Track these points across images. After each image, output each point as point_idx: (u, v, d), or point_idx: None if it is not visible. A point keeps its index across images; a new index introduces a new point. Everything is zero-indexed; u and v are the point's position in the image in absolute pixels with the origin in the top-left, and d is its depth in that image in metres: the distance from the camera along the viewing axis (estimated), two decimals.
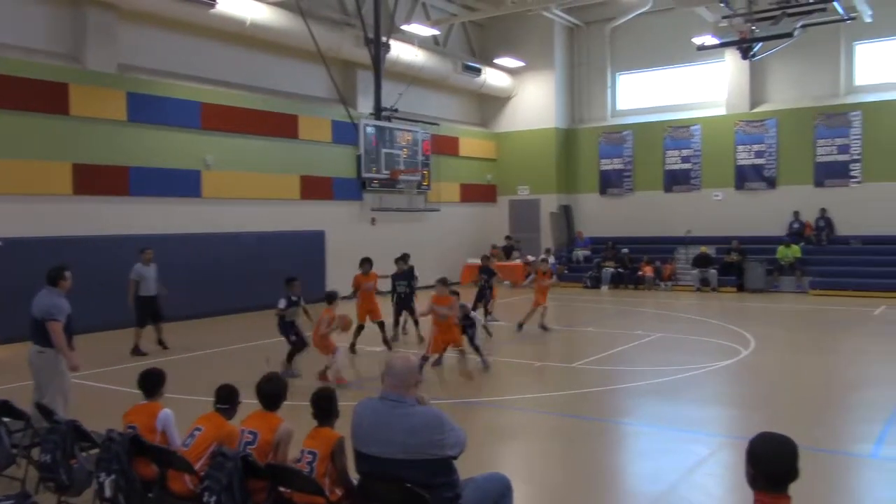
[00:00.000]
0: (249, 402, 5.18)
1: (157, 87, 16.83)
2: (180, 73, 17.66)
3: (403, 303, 13.62)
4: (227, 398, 5.17)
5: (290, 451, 4.87)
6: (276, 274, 18.86)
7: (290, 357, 10.78)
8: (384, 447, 3.97)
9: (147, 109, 16.56)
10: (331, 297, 10.62)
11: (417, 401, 4.14)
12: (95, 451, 5.11)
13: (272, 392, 4.98)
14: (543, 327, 14.53)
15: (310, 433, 4.65)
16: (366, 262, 13.06)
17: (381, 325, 12.91)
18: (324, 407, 4.70)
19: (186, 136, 17.45)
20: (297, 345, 10.83)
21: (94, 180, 15.68)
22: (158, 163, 16.85)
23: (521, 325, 14.40)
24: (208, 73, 18.30)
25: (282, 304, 10.79)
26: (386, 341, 12.86)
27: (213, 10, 17.05)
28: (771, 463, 2.88)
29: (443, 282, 11.18)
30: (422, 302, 12.04)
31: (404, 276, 13.68)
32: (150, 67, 17.11)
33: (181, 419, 5.37)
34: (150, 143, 16.74)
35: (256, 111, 18.93)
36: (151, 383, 5.46)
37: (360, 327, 12.74)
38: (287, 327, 10.89)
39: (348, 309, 11.76)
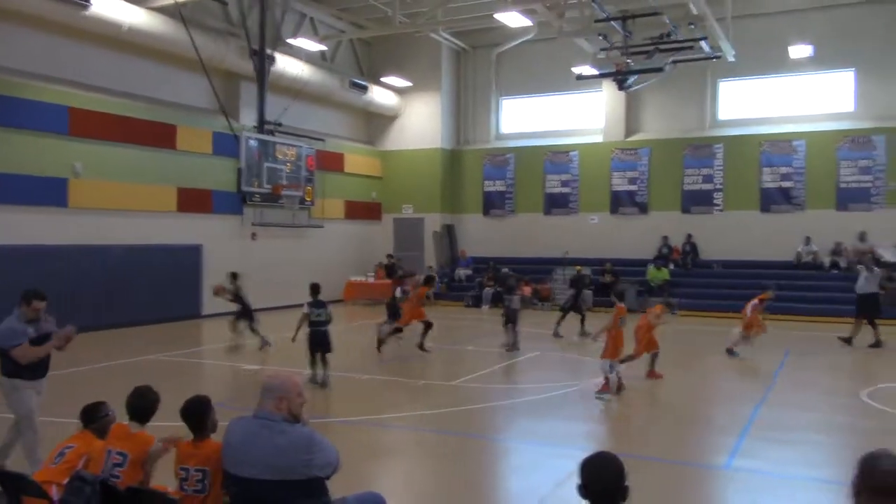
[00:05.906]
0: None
1: (21, 89, 15.91)
2: (48, 76, 16.77)
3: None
4: (92, 416, 4.99)
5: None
6: (148, 288, 18.42)
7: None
8: (253, 468, 3.93)
9: (8, 112, 15.63)
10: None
11: (299, 420, 4.14)
12: None
13: (143, 406, 4.75)
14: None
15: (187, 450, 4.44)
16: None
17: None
18: (195, 416, 4.44)
19: (52, 141, 16.56)
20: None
21: None
22: (20, 169, 15.90)
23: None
24: (80, 76, 17.47)
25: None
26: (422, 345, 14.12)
27: (87, 12, 16.37)
28: (594, 478, 3.19)
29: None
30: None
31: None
32: (16, 68, 16.17)
33: (48, 442, 5.15)
34: (11, 148, 15.80)
35: (131, 119, 18.22)
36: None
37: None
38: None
39: None
